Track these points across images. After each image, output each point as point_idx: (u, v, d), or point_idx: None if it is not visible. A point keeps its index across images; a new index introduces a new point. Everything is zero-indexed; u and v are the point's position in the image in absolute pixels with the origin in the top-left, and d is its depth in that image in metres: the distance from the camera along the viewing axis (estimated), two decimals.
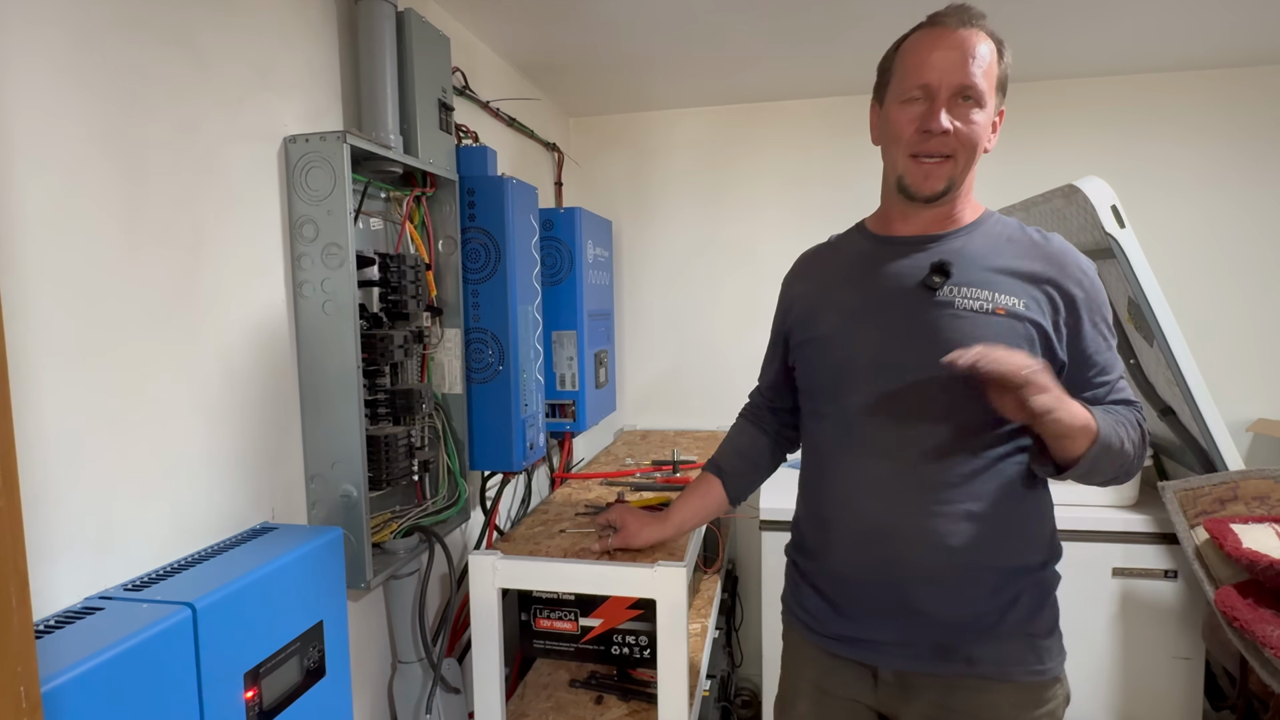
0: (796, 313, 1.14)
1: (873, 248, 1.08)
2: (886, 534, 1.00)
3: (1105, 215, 1.56)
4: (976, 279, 0.98)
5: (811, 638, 1.11)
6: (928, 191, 0.99)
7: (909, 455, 0.99)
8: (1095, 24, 1.86)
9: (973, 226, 1.03)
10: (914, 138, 0.97)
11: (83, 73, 0.85)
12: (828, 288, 1.10)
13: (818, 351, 1.09)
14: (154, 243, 0.94)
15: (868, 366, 1.02)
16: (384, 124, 1.29)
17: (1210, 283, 2.27)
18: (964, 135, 0.95)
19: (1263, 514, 1.64)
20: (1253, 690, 1.85)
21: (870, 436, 1.02)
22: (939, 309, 0.98)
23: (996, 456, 0.99)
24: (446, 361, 1.52)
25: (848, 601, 1.06)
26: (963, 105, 0.95)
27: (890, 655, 1.02)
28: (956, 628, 0.99)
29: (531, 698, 1.58)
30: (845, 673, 1.07)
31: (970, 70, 0.94)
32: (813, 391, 1.12)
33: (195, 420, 1.01)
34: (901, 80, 0.99)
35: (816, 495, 1.11)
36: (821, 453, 1.10)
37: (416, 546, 1.37)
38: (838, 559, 1.06)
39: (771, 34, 1.89)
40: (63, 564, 0.82)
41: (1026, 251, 1.00)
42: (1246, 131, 2.22)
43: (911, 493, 0.99)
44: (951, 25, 0.96)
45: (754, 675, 2.46)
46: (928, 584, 0.99)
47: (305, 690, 1.00)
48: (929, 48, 0.96)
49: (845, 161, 2.45)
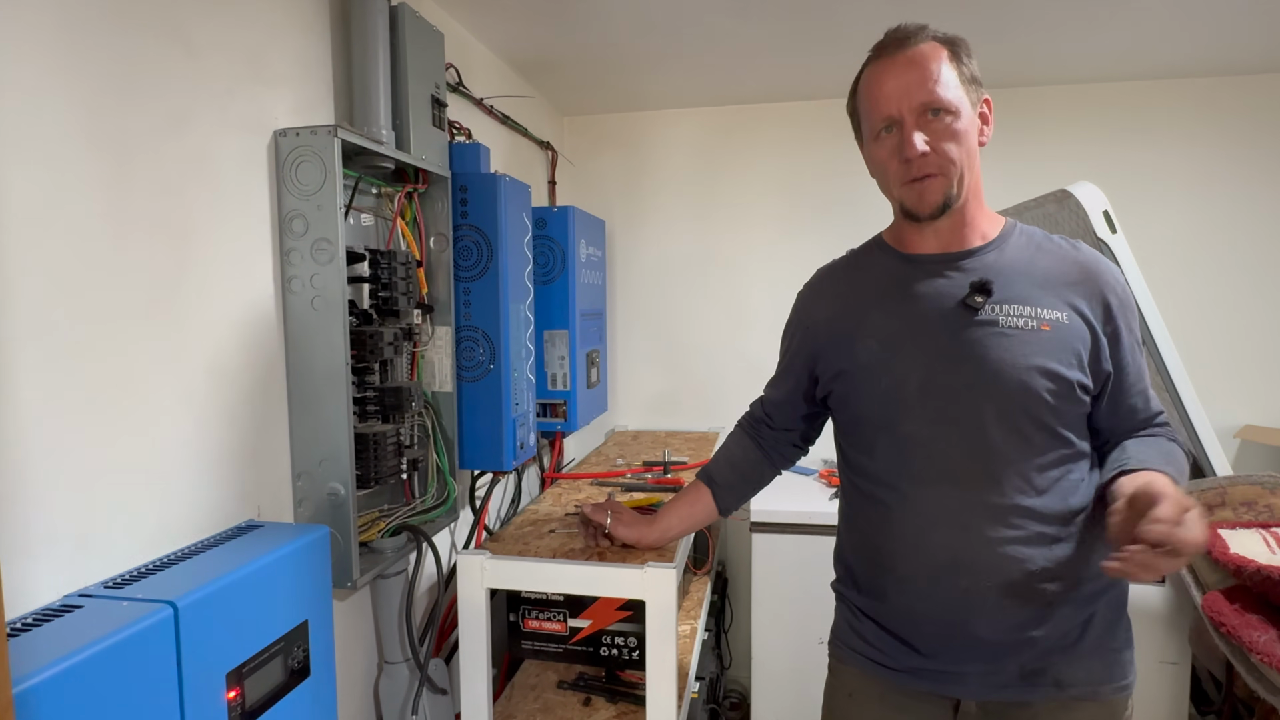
0: (825, 339, 1.09)
1: (901, 266, 1.04)
2: (961, 566, 0.95)
3: (1097, 220, 1.57)
4: (1017, 294, 0.96)
5: (879, 673, 1.04)
6: (928, 210, 0.97)
7: (973, 481, 0.95)
8: (1088, 31, 1.86)
9: (1001, 240, 1.01)
10: (898, 170, 0.97)
11: (68, 62, 0.83)
12: (860, 311, 1.05)
13: (862, 379, 1.03)
14: (140, 235, 0.92)
15: (917, 392, 0.98)
16: (376, 119, 1.28)
17: (1199, 289, 2.29)
18: (943, 150, 0.94)
19: (1250, 519, 1.64)
20: (1238, 695, 1.86)
21: (931, 465, 0.97)
22: (983, 328, 0.95)
23: (1058, 475, 0.96)
24: (437, 359, 1.50)
25: (920, 637, 1.00)
26: (934, 120, 0.93)
27: (974, 685, 0.98)
28: (1042, 651, 0.95)
29: (519, 699, 1.57)
30: (919, 709, 1.02)
31: (928, 87, 0.93)
32: (857, 421, 1.06)
33: (180, 415, 0.99)
34: (868, 119, 0.99)
35: (873, 530, 1.04)
36: (873, 484, 1.04)
37: (404, 546, 1.36)
38: (907, 596, 1.00)
39: (766, 35, 1.89)
40: (41, 561, 0.80)
41: (1060, 261, 0.99)
42: (1237, 138, 2.23)
43: (981, 520, 0.95)
44: (893, 51, 0.96)
45: (743, 677, 2.45)
46: (1011, 611, 0.94)
47: (289, 691, 0.99)
48: (880, 80, 0.96)
49: (840, 163, 2.45)
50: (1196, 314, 2.27)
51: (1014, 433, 0.94)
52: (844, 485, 1.13)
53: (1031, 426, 0.94)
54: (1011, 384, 0.93)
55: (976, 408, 0.95)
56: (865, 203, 2.51)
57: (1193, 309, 2.28)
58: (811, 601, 1.88)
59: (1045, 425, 0.94)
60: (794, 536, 1.98)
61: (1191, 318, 2.26)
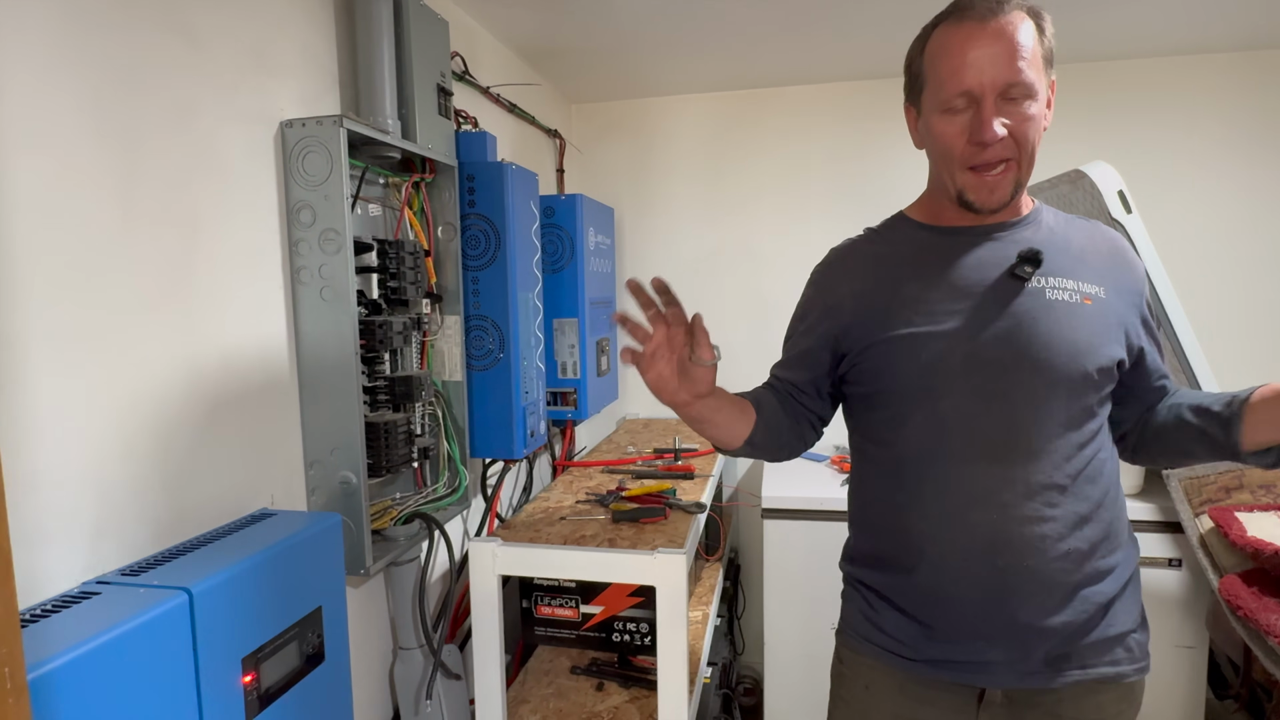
0: (853, 313, 1.01)
1: (935, 238, 0.99)
2: (999, 545, 0.91)
3: (1112, 200, 1.55)
4: (1060, 268, 0.94)
5: (897, 664, 1.00)
6: (995, 204, 0.92)
7: (1014, 458, 0.91)
8: (1102, 7, 1.83)
9: (1034, 216, 0.99)
10: (966, 151, 0.90)
11: (75, 53, 0.84)
12: (894, 283, 0.98)
13: (898, 352, 0.95)
14: (149, 226, 0.93)
15: (961, 364, 0.92)
16: (382, 109, 1.28)
17: (1218, 270, 2.25)
18: (1020, 134, 0.87)
19: (1268, 502, 1.62)
20: (1256, 679, 1.85)
21: (971, 441, 0.92)
22: (1031, 299, 0.92)
23: (1093, 452, 0.94)
24: (446, 348, 1.51)
25: (946, 622, 0.96)
26: (1012, 103, 0.86)
27: (1001, 674, 0.94)
28: (1069, 635, 0.93)
29: (532, 684, 1.59)
30: (941, 700, 0.99)
31: (1015, 65, 0.85)
32: (889, 396, 0.98)
33: (193, 405, 1.00)
34: (938, 88, 0.90)
35: (901, 511, 0.98)
36: (904, 461, 0.98)
37: (417, 533, 1.37)
38: (939, 577, 0.95)
39: (776, 18, 1.87)
40: (59, 548, 0.82)
41: (1090, 239, 0.99)
42: (1255, 116, 2.19)
43: (1020, 498, 0.91)
44: (982, 16, 0.86)
45: (756, 663, 2.46)
46: (1041, 594, 0.92)
47: (304, 675, 1.00)
48: (961, 47, 0.87)
49: (851, 147, 2.42)
50: (1214, 295, 2.24)
51: (1060, 408, 0.92)
52: (862, 467, 1.07)
53: (1076, 402, 0.92)
54: (1062, 357, 0.91)
55: (1025, 382, 0.91)
56: (878, 186, 2.49)
57: (1211, 289, 2.24)
58: (824, 587, 1.88)
59: (1087, 401, 0.93)
60: (806, 523, 1.98)
61: (1210, 298, 2.23)
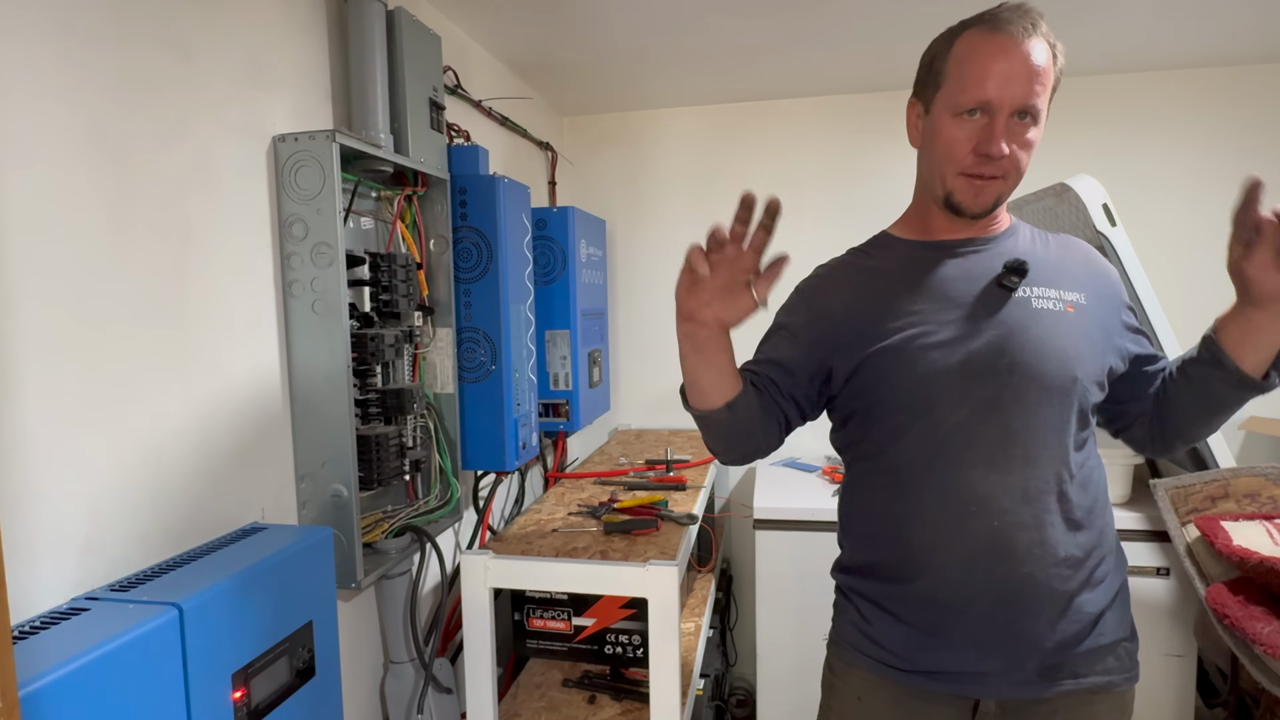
0: (846, 327, 1.00)
1: (921, 251, 1.02)
2: (999, 552, 0.92)
3: (1096, 213, 1.57)
4: (1042, 278, 0.97)
5: (891, 675, 0.99)
6: (978, 209, 0.95)
7: (1012, 464, 0.92)
8: (1088, 22, 1.86)
9: (1014, 229, 1.03)
10: (969, 159, 0.92)
11: (69, 68, 0.84)
12: (885, 296, 1.00)
13: (895, 363, 0.96)
14: (142, 241, 0.93)
15: (957, 373, 0.93)
16: (374, 123, 1.28)
17: (1202, 280, 2.27)
18: (1018, 158, 0.91)
19: (1254, 511, 1.64)
20: (1244, 687, 1.86)
21: (969, 448, 0.93)
22: (1019, 308, 0.95)
23: (1084, 458, 0.96)
24: (438, 361, 1.51)
25: (944, 630, 0.96)
26: (1020, 124, 0.90)
27: (996, 684, 0.95)
28: (1063, 645, 0.93)
29: (524, 697, 1.58)
30: (935, 712, 0.99)
31: (1033, 88, 0.87)
32: (887, 408, 0.98)
33: (183, 419, 1.00)
34: (957, 91, 0.91)
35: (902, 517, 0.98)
36: (902, 471, 0.98)
37: (408, 546, 1.37)
38: (938, 584, 0.95)
39: (767, 32, 1.89)
40: (48, 565, 0.81)
41: (1064, 250, 1.03)
42: (1238, 130, 2.22)
43: (1018, 505, 0.92)
44: (1017, 34, 0.88)
45: (749, 674, 2.46)
46: (1038, 602, 0.92)
47: (295, 690, 0.99)
48: (991, 58, 0.88)
49: (840, 161, 2.45)
50: (1198, 306, 2.26)
51: (1053, 413, 0.93)
52: (857, 478, 1.06)
53: (1069, 408, 0.94)
54: (1052, 363, 0.93)
55: (1019, 388, 0.93)
56: (867, 200, 2.52)
57: (1195, 300, 2.26)
58: (817, 597, 1.87)
59: (1080, 407, 0.94)
60: (798, 533, 1.98)
61: (1194, 309, 2.25)
